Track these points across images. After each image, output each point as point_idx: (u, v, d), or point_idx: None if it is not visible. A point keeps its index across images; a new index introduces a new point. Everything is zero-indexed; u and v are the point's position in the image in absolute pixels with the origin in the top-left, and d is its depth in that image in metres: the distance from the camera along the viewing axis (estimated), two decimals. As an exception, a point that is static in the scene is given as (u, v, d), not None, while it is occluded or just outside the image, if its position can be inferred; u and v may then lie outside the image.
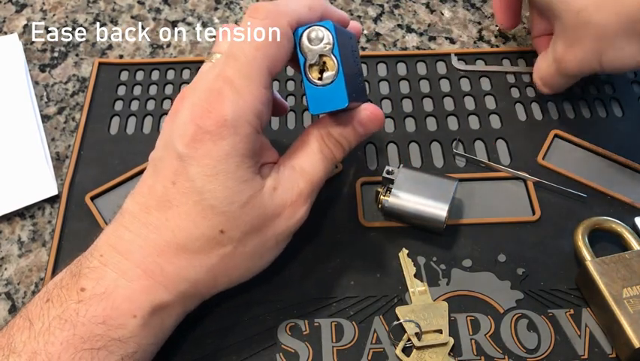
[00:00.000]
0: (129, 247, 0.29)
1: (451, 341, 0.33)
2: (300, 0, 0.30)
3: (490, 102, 0.45)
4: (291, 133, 0.43)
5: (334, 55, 0.29)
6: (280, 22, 0.29)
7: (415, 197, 0.36)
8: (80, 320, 0.27)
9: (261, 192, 0.30)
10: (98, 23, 0.51)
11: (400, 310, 0.34)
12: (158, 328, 0.29)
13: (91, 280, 0.28)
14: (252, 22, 0.29)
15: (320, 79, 0.29)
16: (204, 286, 0.30)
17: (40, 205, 0.41)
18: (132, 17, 0.52)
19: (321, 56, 0.29)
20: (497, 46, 0.49)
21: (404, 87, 0.46)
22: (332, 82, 0.29)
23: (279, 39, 0.29)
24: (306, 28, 0.29)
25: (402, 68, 0.47)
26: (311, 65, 0.29)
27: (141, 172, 0.41)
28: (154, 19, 0.52)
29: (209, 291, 0.31)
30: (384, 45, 0.49)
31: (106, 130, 0.44)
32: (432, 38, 0.50)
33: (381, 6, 0.52)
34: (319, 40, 0.29)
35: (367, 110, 0.32)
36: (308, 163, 0.32)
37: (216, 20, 0.51)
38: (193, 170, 0.28)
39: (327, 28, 0.29)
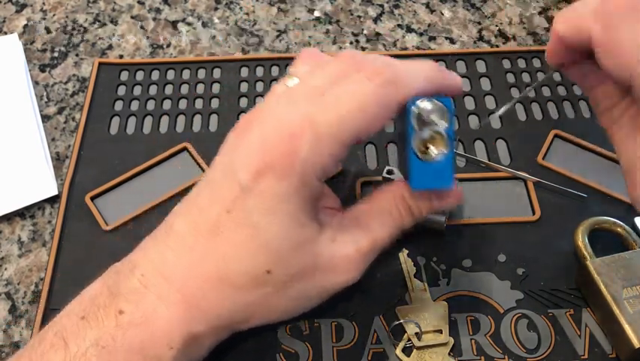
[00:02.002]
0: (172, 270, 0.28)
1: (451, 341, 0.33)
2: (421, 68, 0.28)
3: (490, 102, 0.45)
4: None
5: (447, 134, 0.27)
6: (395, 98, 0.27)
7: (415, 197, 0.36)
8: (118, 347, 0.26)
9: (317, 240, 0.29)
10: (97, 23, 0.51)
11: (400, 311, 0.34)
12: (190, 358, 0.28)
13: (130, 303, 0.27)
14: (367, 83, 0.27)
15: (424, 153, 0.27)
16: (239, 321, 0.29)
17: (40, 205, 0.41)
18: (132, 17, 0.52)
19: (432, 131, 0.27)
20: (497, 46, 0.49)
21: (404, 87, 0.46)
22: (440, 160, 0.27)
23: (386, 112, 0.27)
24: (423, 100, 0.27)
25: (402, 68, 0.47)
26: (420, 139, 0.27)
27: (141, 172, 0.41)
28: (154, 19, 0.52)
29: (241, 326, 0.30)
30: (384, 45, 0.49)
31: (106, 130, 0.44)
32: (432, 38, 0.50)
33: (381, 6, 0.52)
34: (434, 114, 0.27)
35: None
36: (375, 222, 0.30)
37: (216, 20, 0.51)
38: (251, 202, 0.27)
39: (445, 106, 0.27)
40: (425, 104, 0.27)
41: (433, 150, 0.27)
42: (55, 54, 0.49)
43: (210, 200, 0.28)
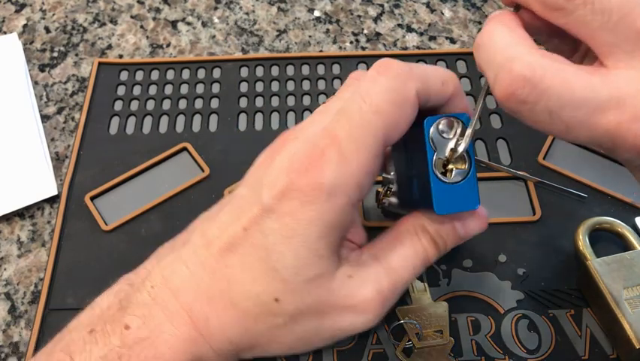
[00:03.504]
0: (181, 286, 0.27)
1: (452, 341, 0.33)
2: (436, 72, 0.27)
3: (490, 102, 0.45)
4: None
5: (468, 151, 0.26)
6: (409, 87, 0.25)
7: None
8: None
9: (333, 275, 0.27)
10: (97, 23, 0.51)
11: (400, 311, 0.34)
12: None
13: (137, 318, 0.26)
14: (377, 79, 0.25)
15: (444, 174, 0.26)
16: (244, 348, 0.28)
17: (39, 205, 0.41)
18: (132, 17, 0.52)
19: (451, 150, 0.26)
20: (498, 45, 0.49)
21: (404, 87, 0.46)
22: (462, 180, 0.26)
23: (404, 106, 0.25)
24: (438, 118, 0.26)
25: (402, 68, 0.47)
26: (439, 159, 0.26)
27: (141, 172, 0.41)
28: (154, 18, 0.51)
29: (245, 354, 0.28)
30: (384, 45, 0.49)
31: (105, 130, 0.43)
32: (432, 38, 0.50)
33: (382, 5, 0.52)
34: (451, 132, 0.26)
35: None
36: (396, 259, 0.28)
37: (216, 20, 0.51)
38: (270, 224, 0.25)
39: (462, 122, 0.26)
40: (441, 122, 0.26)
41: (455, 170, 0.26)
42: (55, 54, 0.49)
43: (230, 215, 0.27)
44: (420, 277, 0.35)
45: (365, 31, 0.50)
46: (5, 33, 0.50)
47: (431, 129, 0.26)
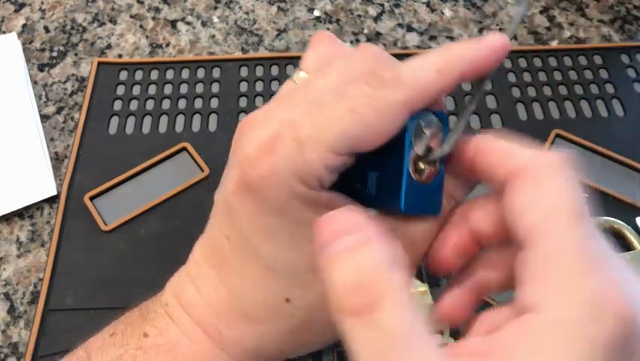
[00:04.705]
0: (190, 301, 0.26)
1: (453, 342, 0.33)
2: (429, 59, 0.23)
3: (491, 102, 0.45)
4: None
5: (442, 153, 0.24)
6: (394, 92, 0.22)
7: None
8: None
9: None
10: (96, 23, 0.51)
11: (400, 311, 0.34)
12: None
13: (154, 328, 0.26)
14: (363, 79, 0.23)
15: (415, 172, 0.24)
16: (269, 354, 0.26)
17: (39, 205, 0.40)
18: (131, 17, 0.52)
19: (427, 148, 0.24)
20: (498, 45, 0.49)
21: (404, 87, 0.46)
22: (432, 181, 0.24)
23: (385, 114, 0.22)
24: (420, 115, 0.24)
25: (402, 68, 0.47)
26: (415, 157, 0.24)
27: (140, 172, 0.41)
28: (153, 18, 0.51)
29: (273, 359, 0.27)
30: (384, 44, 0.49)
31: (105, 130, 0.43)
32: (432, 38, 0.50)
33: (382, 5, 0.52)
34: (430, 129, 0.24)
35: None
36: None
37: (216, 19, 0.51)
38: (244, 225, 0.24)
39: (441, 120, 0.25)
40: (423, 117, 0.24)
41: (427, 170, 0.24)
42: (54, 53, 0.49)
43: (212, 226, 0.26)
44: (420, 278, 0.35)
45: (365, 31, 0.50)
46: (4, 33, 0.50)
47: (413, 125, 0.24)
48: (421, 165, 0.24)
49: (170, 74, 0.47)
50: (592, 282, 0.18)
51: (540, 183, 0.19)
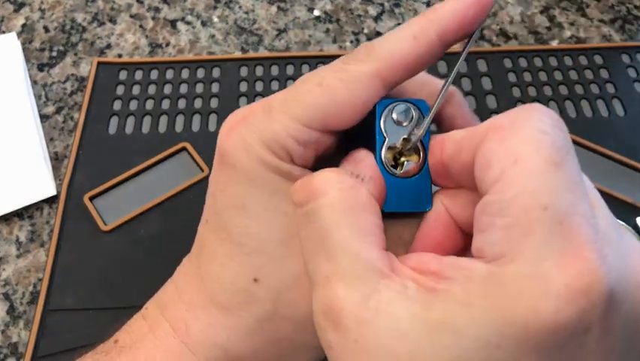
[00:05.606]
0: (166, 300, 0.25)
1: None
2: (405, 30, 0.22)
3: (491, 102, 0.45)
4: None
5: (422, 143, 0.23)
6: (367, 65, 0.22)
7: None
8: None
9: None
10: (96, 22, 0.51)
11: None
12: None
13: (125, 333, 0.25)
14: (339, 60, 0.22)
15: (394, 167, 0.23)
16: (243, 359, 0.23)
17: (38, 205, 0.40)
18: (131, 16, 0.51)
19: (404, 140, 0.23)
20: (498, 45, 0.49)
21: (404, 86, 0.46)
22: (414, 176, 0.23)
23: (355, 86, 0.22)
24: (392, 102, 0.23)
25: (402, 67, 0.47)
26: (389, 148, 0.23)
27: (140, 172, 0.41)
28: (153, 18, 0.51)
29: None
30: (384, 44, 0.49)
31: (105, 130, 0.43)
32: (432, 37, 0.50)
33: (382, 5, 0.52)
34: (407, 120, 0.23)
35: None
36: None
37: (215, 19, 0.51)
38: (219, 201, 0.23)
39: (419, 109, 0.23)
40: (396, 106, 0.23)
41: (407, 164, 0.23)
42: (54, 53, 0.49)
43: (202, 216, 0.25)
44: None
45: (365, 31, 0.50)
46: (4, 32, 0.50)
47: (383, 115, 0.23)
48: (402, 159, 0.23)
49: (169, 74, 0.47)
50: (555, 242, 0.16)
51: (505, 137, 0.18)
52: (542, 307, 0.16)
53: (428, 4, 0.52)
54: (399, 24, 0.50)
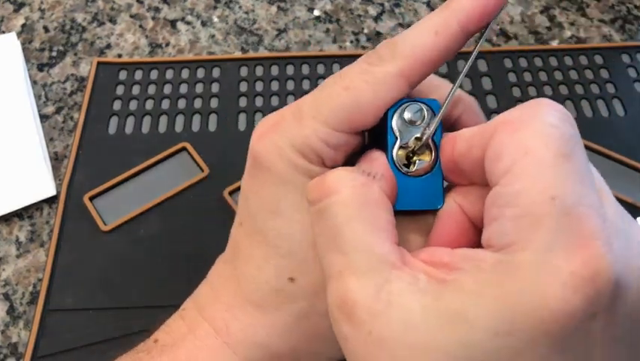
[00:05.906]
0: (204, 301, 0.26)
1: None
2: (425, 23, 0.22)
3: (491, 102, 0.45)
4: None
5: (434, 142, 0.23)
6: (391, 65, 0.22)
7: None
8: None
9: None
10: (96, 22, 0.51)
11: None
12: None
13: (164, 333, 0.26)
14: (363, 60, 0.23)
15: (406, 166, 0.23)
16: (282, 356, 0.24)
17: (38, 206, 0.40)
18: (131, 16, 0.51)
19: (416, 138, 0.23)
20: (499, 45, 0.49)
21: (404, 86, 0.45)
22: (426, 174, 0.23)
23: (377, 85, 0.22)
24: (404, 102, 0.23)
25: (402, 67, 0.47)
26: (401, 148, 0.23)
27: (140, 172, 0.41)
28: (153, 18, 0.51)
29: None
30: (384, 44, 0.49)
31: (104, 130, 0.43)
32: (432, 37, 0.50)
33: (382, 5, 0.52)
34: (419, 119, 0.23)
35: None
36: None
37: (215, 19, 0.51)
38: (253, 204, 0.24)
39: (431, 109, 0.23)
40: (408, 106, 0.23)
41: (419, 162, 0.23)
42: (54, 53, 0.49)
43: (235, 218, 0.26)
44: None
45: (365, 31, 0.50)
46: (4, 32, 0.50)
47: (395, 115, 0.23)
48: (414, 158, 0.23)
49: (169, 74, 0.47)
50: (563, 232, 0.16)
51: (515, 130, 0.19)
52: (550, 294, 0.16)
53: (428, 4, 0.52)
54: (399, 24, 0.50)
